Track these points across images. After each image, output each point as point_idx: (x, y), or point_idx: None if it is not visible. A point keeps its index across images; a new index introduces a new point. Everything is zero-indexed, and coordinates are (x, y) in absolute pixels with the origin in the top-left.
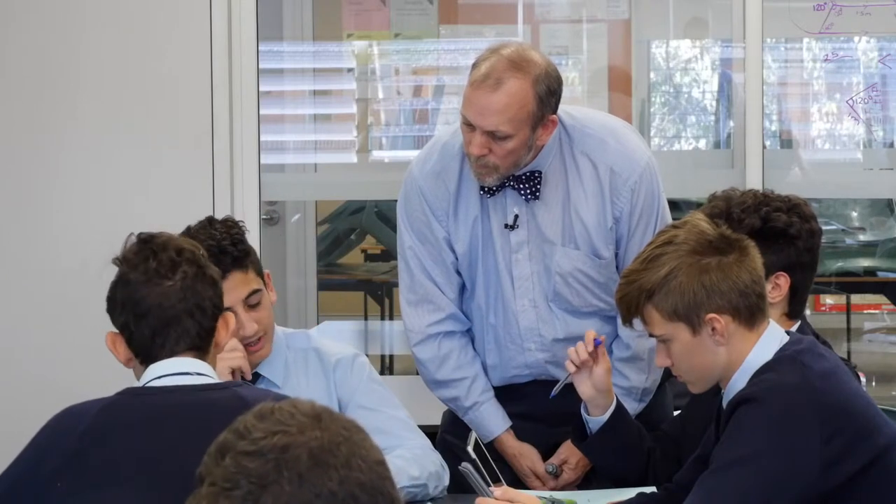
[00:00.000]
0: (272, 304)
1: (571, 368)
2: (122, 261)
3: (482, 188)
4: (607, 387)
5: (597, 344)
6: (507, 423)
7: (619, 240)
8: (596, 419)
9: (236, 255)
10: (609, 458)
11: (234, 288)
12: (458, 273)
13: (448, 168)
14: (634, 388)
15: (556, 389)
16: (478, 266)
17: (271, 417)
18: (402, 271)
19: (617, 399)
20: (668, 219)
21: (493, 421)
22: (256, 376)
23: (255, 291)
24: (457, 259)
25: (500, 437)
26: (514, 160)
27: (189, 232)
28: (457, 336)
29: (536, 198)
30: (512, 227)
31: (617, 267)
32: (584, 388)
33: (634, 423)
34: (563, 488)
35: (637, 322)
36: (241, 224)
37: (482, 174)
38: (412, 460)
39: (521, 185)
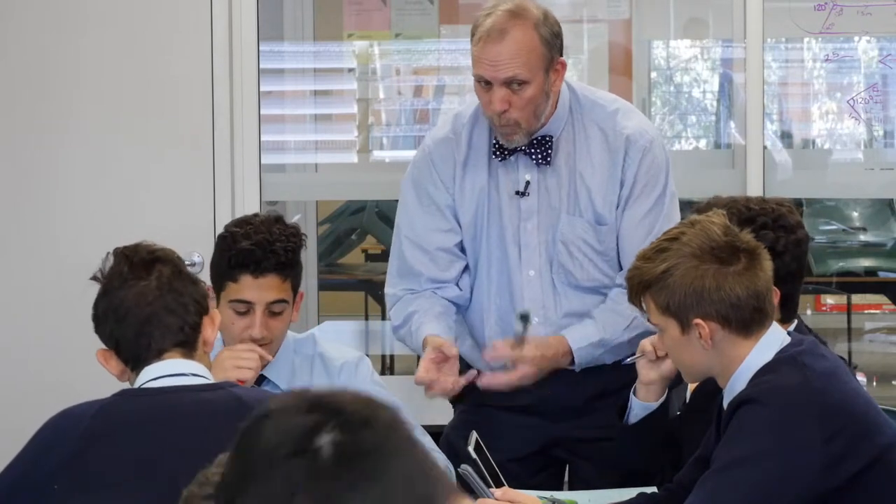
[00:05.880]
0: (290, 322)
1: (648, 347)
2: (101, 275)
3: (495, 152)
4: (671, 374)
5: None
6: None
7: (620, 203)
8: (643, 404)
9: (282, 261)
10: (635, 449)
11: (265, 289)
12: (463, 251)
13: (458, 134)
14: (616, 309)
15: (628, 360)
16: (482, 238)
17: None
18: (393, 257)
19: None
20: (673, 195)
21: (429, 329)
22: (262, 379)
23: (282, 301)
24: (461, 229)
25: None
26: (533, 110)
27: (251, 220)
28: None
29: (548, 163)
30: (522, 195)
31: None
32: (650, 372)
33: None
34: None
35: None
36: (302, 237)
37: (508, 133)
38: None
39: (533, 150)
